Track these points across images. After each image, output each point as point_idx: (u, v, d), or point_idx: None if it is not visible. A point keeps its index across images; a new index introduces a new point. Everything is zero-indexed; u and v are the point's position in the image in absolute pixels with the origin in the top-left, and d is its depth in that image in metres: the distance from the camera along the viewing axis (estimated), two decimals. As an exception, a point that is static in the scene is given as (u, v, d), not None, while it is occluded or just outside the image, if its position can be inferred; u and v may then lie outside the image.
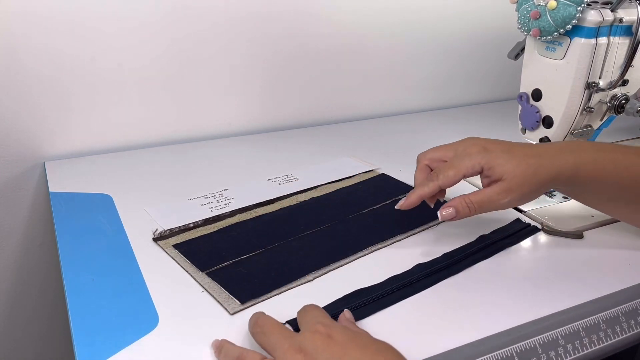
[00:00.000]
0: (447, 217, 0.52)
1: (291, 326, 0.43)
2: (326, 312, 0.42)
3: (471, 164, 0.51)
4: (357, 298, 0.48)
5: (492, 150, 0.51)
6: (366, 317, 0.46)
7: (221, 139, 0.86)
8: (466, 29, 1.01)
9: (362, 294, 0.48)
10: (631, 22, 0.58)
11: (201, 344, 0.43)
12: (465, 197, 0.51)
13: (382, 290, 0.49)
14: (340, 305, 0.47)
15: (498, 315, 0.46)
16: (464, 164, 0.51)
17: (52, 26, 0.71)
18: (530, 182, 0.50)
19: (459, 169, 0.51)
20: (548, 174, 0.50)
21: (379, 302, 0.48)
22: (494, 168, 0.50)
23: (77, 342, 0.43)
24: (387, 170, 0.75)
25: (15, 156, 0.76)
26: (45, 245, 0.83)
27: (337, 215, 0.62)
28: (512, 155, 0.50)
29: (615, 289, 0.50)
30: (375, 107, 0.99)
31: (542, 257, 0.55)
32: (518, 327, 0.45)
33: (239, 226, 0.60)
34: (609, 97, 0.62)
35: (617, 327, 0.48)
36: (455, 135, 0.89)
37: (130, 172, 0.73)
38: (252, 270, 0.52)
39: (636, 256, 0.55)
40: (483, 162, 0.50)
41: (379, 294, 0.48)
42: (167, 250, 0.55)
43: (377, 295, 0.48)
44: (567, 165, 0.50)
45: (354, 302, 0.47)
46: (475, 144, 0.53)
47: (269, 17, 0.84)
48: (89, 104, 0.77)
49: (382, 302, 0.48)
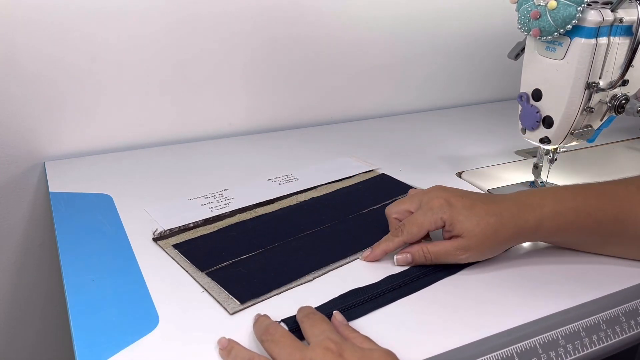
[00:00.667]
0: (402, 262, 0.52)
1: (286, 324, 0.43)
2: (333, 326, 0.42)
3: (434, 219, 0.51)
4: (353, 297, 0.48)
5: (454, 206, 0.51)
6: (361, 316, 0.46)
7: (221, 139, 0.86)
8: (466, 29, 1.01)
9: (359, 293, 0.48)
10: (631, 22, 0.58)
11: (201, 344, 0.43)
12: (424, 246, 0.52)
13: (378, 289, 0.49)
14: (336, 304, 0.47)
15: (498, 315, 0.46)
16: (427, 220, 0.52)
17: (52, 26, 0.71)
18: (490, 242, 0.51)
19: (422, 225, 0.52)
20: (508, 234, 0.50)
21: (376, 301, 0.48)
22: (454, 225, 0.50)
23: (77, 342, 0.43)
24: (387, 170, 0.75)
25: (15, 156, 0.76)
26: (45, 245, 0.83)
27: (337, 215, 0.62)
28: (473, 213, 0.50)
29: (616, 289, 0.50)
30: (375, 107, 0.99)
31: (542, 257, 0.55)
32: (518, 327, 0.45)
33: (239, 226, 0.60)
34: (609, 97, 0.62)
35: (618, 327, 0.48)
36: (455, 136, 0.89)
37: (130, 172, 0.73)
38: (251, 270, 0.52)
39: (636, 256, 0.55)
40: (445, 217, 0.51)
41: (374, 294, 0.48)
42: (166, 250, 0.55)
43: (373, 294, 0.48)
44: (528, 224, 0.51)
45: (350, 301, 0.47)
46: (439, 196, 0.52)
47: (270, 17, 0.84)
48: (89, 104, 0.77)
49: (378, 301, 0.48)
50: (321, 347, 0.39)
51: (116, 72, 0.77)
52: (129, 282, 0.50)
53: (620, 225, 0.51)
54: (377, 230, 0.58)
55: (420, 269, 0.52)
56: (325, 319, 0.43)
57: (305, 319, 0.43)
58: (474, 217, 0.50)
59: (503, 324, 0.45)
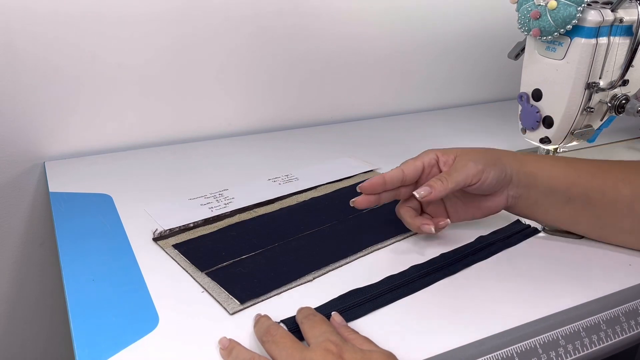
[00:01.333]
0: (423, 194, 0.53)
1: (285, 325, 0.43)
2: (333, 327, 0.42)
3: (430, 155, 0.55)
4: (352, 298, 0.48)
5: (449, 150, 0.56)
6: (361, 317, 0.46)
7: (221, 139, 0.86)
8: (466, 29, 1.01)
9: (358, 294, 0.48)
10: (631, 22, 0.58)
11: (201, 345, 0.43)
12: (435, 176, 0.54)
13: (378, 290, 0.49)
14: (336, 305, 0.47)
15: (498, 315, 0.46)
16: (422, 156, 0.56)
17: (52, 26, 0.71)
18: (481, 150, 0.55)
19: (418, 158, 0.56)
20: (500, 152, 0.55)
21: (375, 301, 0.48)
22: (447, 153, 0.55)
23: (77, 342, 0.43)
24: (387, 170, 0.75)
25: (15, 156, 0.76)
26: (45, 245, 0.83)
27: (337, 215, 0.62)
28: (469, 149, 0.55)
29: (616, 289, 0.50)
30: (375, 107, 0.99)
31: (542, 257, 0.55)
32: (518, 327, 0.45)
33: (239, 226, 0.60)
34: (609, 97, 0.62)
35: (618, 328, 0.48)
36: (455, 136, 0.89)
37: (130, 172, 0.73)
38: (251, 270, 0.52)
39: (637, 256, 0.55)
40: (437, 152, 0.55)
41: (374, 294, 0.48)
42: (166, 250, 0.55)
43: (373, 294, 0.48)
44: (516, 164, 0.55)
45: (349, 302, 0.47)
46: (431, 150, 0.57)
47: (270, 17, 0.84)
48: (89, 104, 0.77)
49: (378, 301, 0.48)
50: (321, 348, 0.38)
51: (116, 72, 0.77)
52: (128, 282, 0.50)
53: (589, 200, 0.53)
54: (377, 231, 0.58)
55: (419, 269, 0.52)
56: (325, 320, 0.43)
57: (305, 320, 0.43)
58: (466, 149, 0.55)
59: (503, 324, 0.45)
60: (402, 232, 0.58)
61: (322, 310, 0.45)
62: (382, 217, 0.61)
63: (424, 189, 0.52)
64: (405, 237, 0.58)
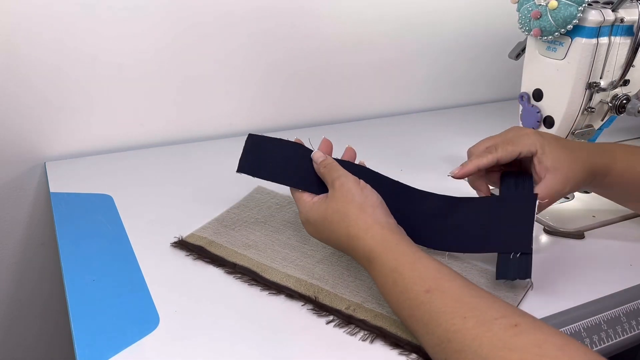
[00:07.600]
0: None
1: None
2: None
3: (530, 142, 0.52)
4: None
5: (544, 136, 0.53)
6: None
7: (222, 139, 0.86)
8: (467, 29, 1.01)
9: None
10: (632, 22, 0.58)
11: (201, 345, 0.43)
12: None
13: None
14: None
15: (499, 315, 0.46)
16: (522, 141, 0.52)
17: (52, 26, 0.71)
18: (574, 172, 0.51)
19: (518, 144, 0.52)
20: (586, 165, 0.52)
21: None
22: (546, 154, 0.51)
23: (77, 342, 0.43)
24: (387, 170, 0.75)
25: (16, 156, 0.76)
26: (46, 245, 0.83)
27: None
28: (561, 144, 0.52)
29: (617, 289, 0.50)
30: (375, 108, 0.99)
31: (543, 257, 0.55)
32: (519, 328, 0.45)
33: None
34: (610, 97, 0.61)
35: (619, 328, 0.48)
36: (455, 136, 0.89)
37: (131, 172, 0.73)
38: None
39: (637, 256, 0.55)
40: (538, 143, 0.52)
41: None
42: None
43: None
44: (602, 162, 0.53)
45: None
46: (526, 129, 0.54)
47: (270, 17, 0.84)
48: (90, 104, 0.77)
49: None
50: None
51: (116, 72, 0.77)
52: (129, 283, 0.50)
53: None
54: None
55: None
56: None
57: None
58: (563, 150, 0.51)
59: (504, 324, 0.45)
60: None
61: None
62: None
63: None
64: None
